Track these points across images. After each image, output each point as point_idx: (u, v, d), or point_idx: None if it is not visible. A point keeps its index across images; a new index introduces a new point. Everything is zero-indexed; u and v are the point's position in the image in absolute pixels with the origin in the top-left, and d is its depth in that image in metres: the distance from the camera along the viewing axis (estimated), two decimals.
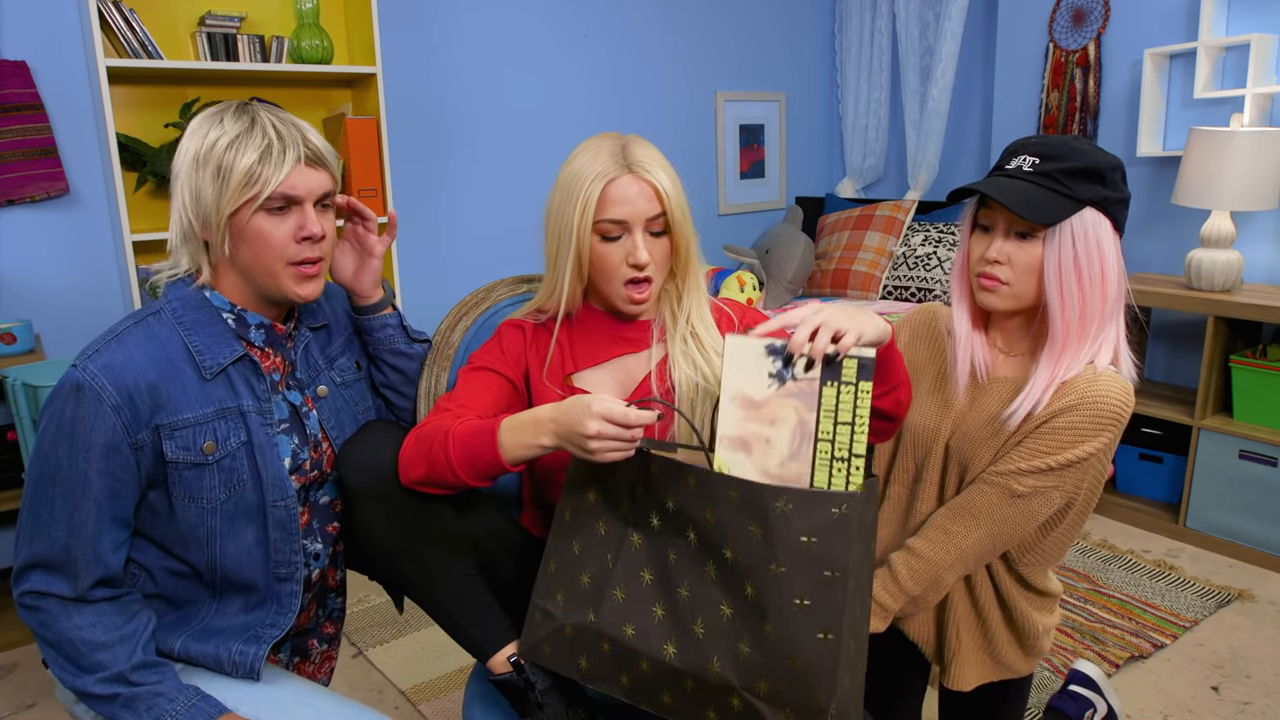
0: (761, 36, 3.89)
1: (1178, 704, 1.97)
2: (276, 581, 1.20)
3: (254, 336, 1.18)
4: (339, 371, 1.31)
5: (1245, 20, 2.79)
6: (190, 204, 1.11)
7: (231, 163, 1.08)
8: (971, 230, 1.25)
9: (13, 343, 2.24)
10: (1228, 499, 2.64)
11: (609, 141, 1.21)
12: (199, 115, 1.14)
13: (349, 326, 1.35)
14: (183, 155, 1.12)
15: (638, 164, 1.18)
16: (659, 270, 1.21)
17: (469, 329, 1.51)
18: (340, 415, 1.27)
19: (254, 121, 1.10)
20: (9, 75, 2.34)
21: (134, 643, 1.10)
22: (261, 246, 1.11)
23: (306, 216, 1.13)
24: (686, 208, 1.22)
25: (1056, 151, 1.17)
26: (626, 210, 1.17)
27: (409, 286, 3.01)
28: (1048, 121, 3.29)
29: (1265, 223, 2.82)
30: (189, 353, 1.12)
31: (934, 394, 1.34)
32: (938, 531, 1.25)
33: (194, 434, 1.11)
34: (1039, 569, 1.32)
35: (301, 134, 1.13)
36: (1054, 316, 1.19)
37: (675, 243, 1.22)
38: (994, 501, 1.21)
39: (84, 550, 1.08)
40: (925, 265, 3.36)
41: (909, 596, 1.26)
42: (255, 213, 1.09)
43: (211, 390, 1.13)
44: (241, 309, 1.17)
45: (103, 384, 1.06)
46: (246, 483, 1.15)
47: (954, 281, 1.30)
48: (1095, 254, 1.17)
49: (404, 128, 3.00)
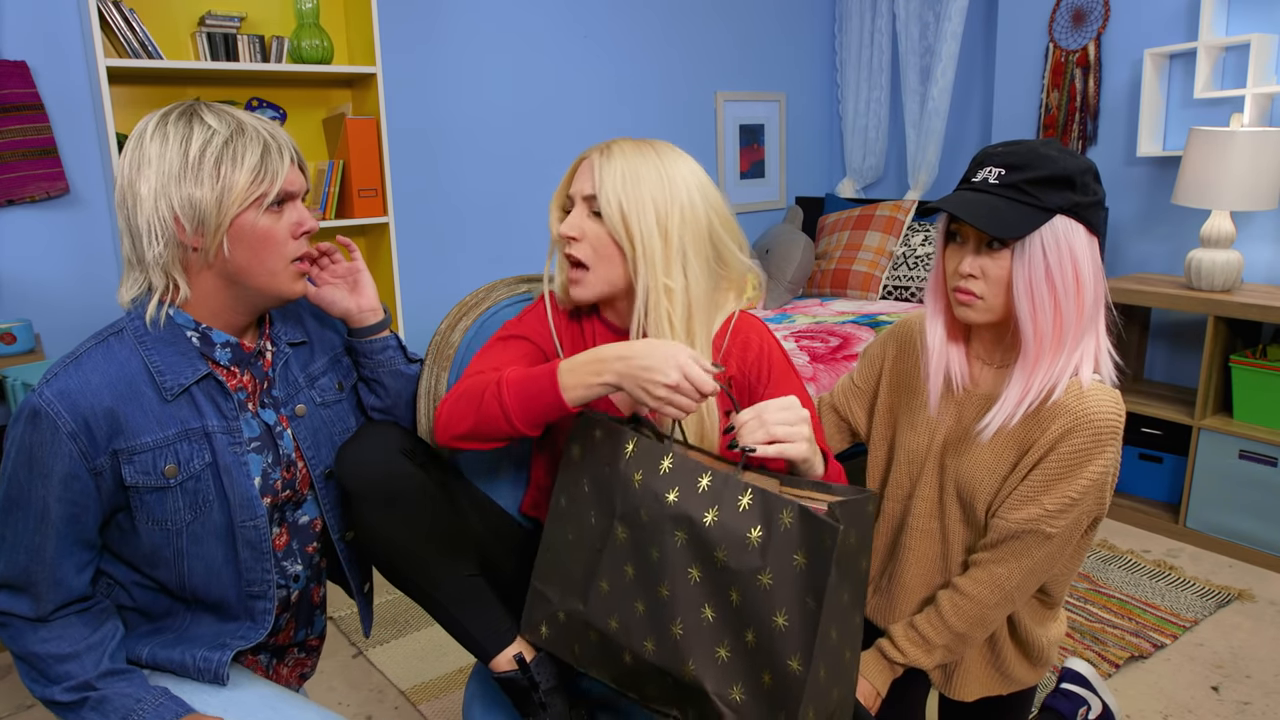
0: (761, 36, 3.89)
1: (1178, 704, 1.97)
2: (249, 599, 1.18)
3: (219, 355, 1.14)
4: (320, 391, 1.28)
5: (1245, 20, 2.79)
6: (182, 211, 1.05)
7: (234, 165, 1.05)
8: (945, 243, 1.24)
9: (13, 343, 2.24)
10: (1228, 499, 2.64)
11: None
12: (149, 125, 1.08)
13: (335, 347, 1.33)
14: (146, 165, 1.05)
15: (604, 149, 1.19)
16: (592, 254, 1.19)
17: (469, 329, 1.51)
18: (318, 435, 1.25)
19: (239, 121, 1.08)
20: (9, 75, 2.34)
21: (100, 651, 1.10)
22: (266, 245, 1.09)
23: (301, 212, 1.12)
24: (660, 215, 1.16)
25: (1023, 161, 1.15)
26: (575, 186, 1.20)
27: (409, 286, 3.01)
28: (1048, 121, 3.29)
29: (1265, 223, 2.82)
30: (149, 373, 1.09)
31: (924, 409, 1.33)
32: (982, 571, 1.24)
33: (154, 458, 1.08)
34: (1057, 584, 1.32)
35: (282, 133, 1.12)
36: (1025, 329, 1.17)
37: (618, 240, 1.18)
38: (1031, 545, 1.21)
39: (44, 575, 1.07)
40: (925, 265, 3.36)
41: (954, 634, 1.25)
42: (262, 212, 1.08)
43: (174, 411, 1.10)
44: (207, 327, 1.13)
45: (59, 410, 1.03)
46: (213, 504, 1.13)
47: (929, 294, 1.28)
48: (1068, 262, 1.14)
49: (404, 128, 3.00)
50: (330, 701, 2.03)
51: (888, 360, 1.39)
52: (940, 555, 1.32)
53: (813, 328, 2.92)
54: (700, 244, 1.18)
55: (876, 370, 1.40)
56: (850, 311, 3.20)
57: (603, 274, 1.19)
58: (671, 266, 1.16)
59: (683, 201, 1.16)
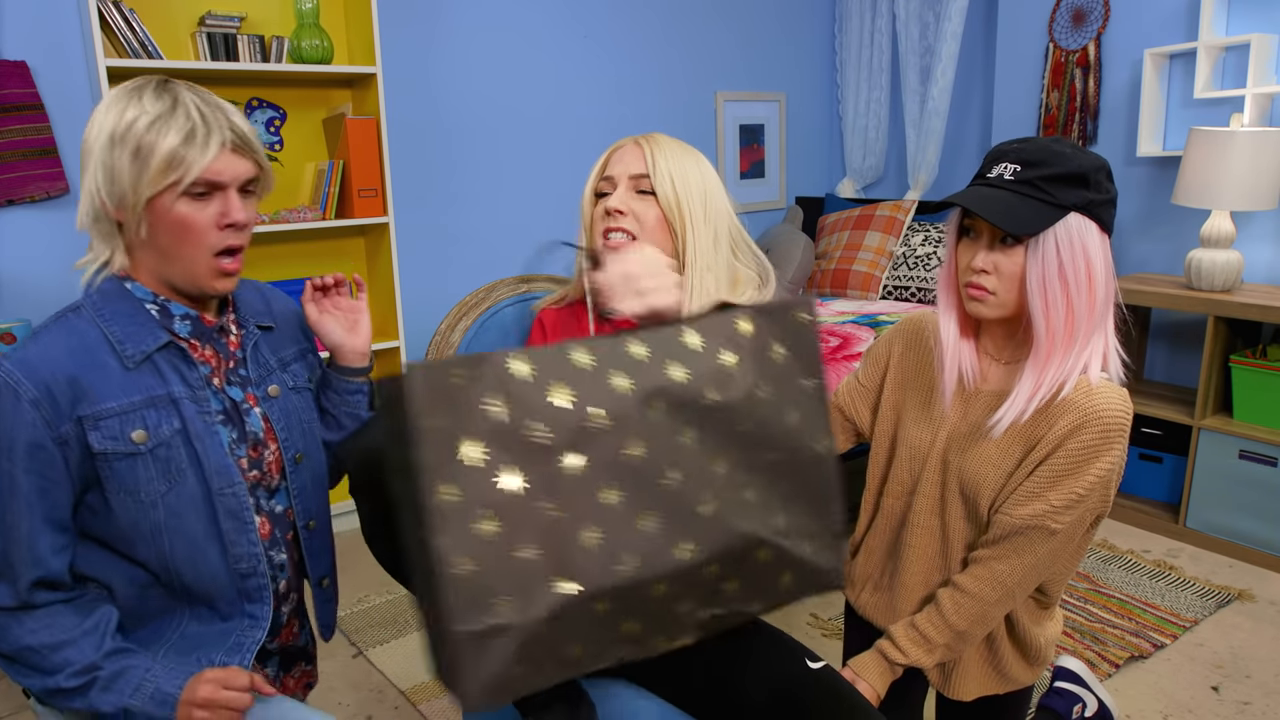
0: (761, 36, 3.89)
1: (1178, 704, 1.97)
2: (241, 579, 1.15)
3: (179, 328, 1.13)
4: (292, 375, 1.27)
5: (1245, 20, 2.79)
6: (104, 183, 1.05)
7: (152, 144, 1.03)
8: (958, 238, 1.25)
9: (13, 343, 2.24)
10: (1228, 499, 2.64)
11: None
12: (115, 90, 1.08)
13: (302, 340, 1.32)
14: (96, 129, 1.06)
15: (646, 138, 1.33)
16: (639, 228, 1.30)
17: (469, 329, 1.51)
18: (290, 419, 1.22)
19: (176, 102, 1.06)
20: (9, 75, 2.34)
21: (99, 635, 1.07)
22: (182, 233, 1.07)
23: (230, 203, 1.08)
24: (702, 199, 1.31)
25: (1038, 158, 1.16)
26: (616, 167, 1.32)
27: (409, 286, 3.01)
28: (1048, 121, 3.29)
29: (1265, 223, 2.82)
30: (110, 343, 1.07)
31: (928, 405, 1.33)
32: (983, 568, 1.24)
33: (120, 423, 1.06)
34: (1054, 584, 1.32)
35: (227, 117, 1.08)
36: (1038, 325, 1.17)
37: (670, 216, 1.30)
38: (1035, 541, 1.21)
39: (19, 554, 1.04)
40: (925, 265, 3.36)
41: (955, 632, 1.25)
42: (178, 198, 1.06)
43: (137, 379, 1.08)
44: (165, 299, 1.12)
45: (18, 379, 1.02)
46: (186, 472, 1.10)
47: (941, 289, 1.29)
48: (1081, 260, 1.15)
49: (404, 128, 3.00)
50: (330, 702, 2.03)
51: (893, 357, 1.39)
52: (940, 553, 1.32)
53: None
54: (724, 234, 1.32)
55: (882, 368, 1.41)
56: (850, 311, 3.20)
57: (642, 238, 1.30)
58: (715, 248, 1.30)
59: (715, 192, 1.32)
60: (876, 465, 1.41)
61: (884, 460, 1.39)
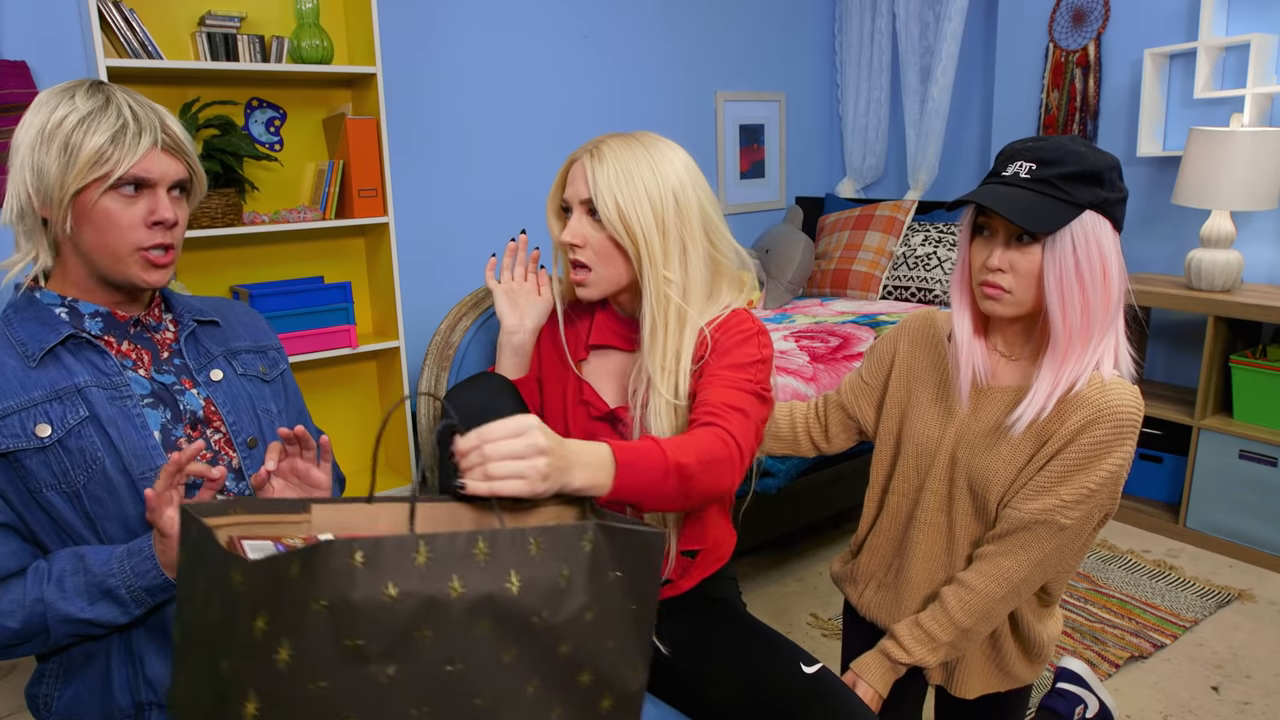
0: (761, 36, 3.89)
1: (1178, 704, 1.97)
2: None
3: (89, 325, 1.14)
4: (242, 364, 1.27)
5: (1245, 20, 2.79)
6: (31, 179, 1.07)
7: (80, 141, 1.05)
8: (971, 236, 1.25)
9: None
10: (1228, 499, 2.64)
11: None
12: (48, 90, 1.11)
13: (260, 340, 1.33)
14: (26, 128, 1.08)
15: (593, 150, 1.22)
16: (595, 257, 1.23)
17: (469, 329, 1.51)
18: (239, 403, 1.23)
19: (108, 101, 1.08)
20: (9, 75, 2.34)
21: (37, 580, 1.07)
22: (108, 229, 1.08)
23: (159, 201, 1.10)
24: (658, 206, 1.20)
25: (1053, 156, 1.17)
26: (569, 191, 1.24)
27: (409, 286, 3.01)
28: (1048, 121, 3.29)
29: (1265, 223, 2.82)
30: (11, 345, 1.10)
31: (936, 402, 1.33)
32: (989, 564, 1.24)
33: (21, 420, 1.06)
34: (1056, 582, 1.32)
35: (160, 118, 1.10)
36: (1055, 323, 1.18)
37: (619, 241, 1.21)
38: (1043, 536, 1.21)
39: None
40: (925, 265, 3.36)
41: (959, 629, 1.25)
42: (103, 194, 1.07)
43: (39, 376, 1.09)
44: (73, 299, 1.14)
45: None
46: (103, 458, 1.10)
47: (954, 287, 1.29)
48: (1096, 257, 1.17)
49: (404, 128, 3.00)
50: None
51: (898, 355, 1.39)
52: (945, 550, 1.32)
53: (813, 328, 2.92)
54: (696, 231, 1.22)
55: (886, 366, 1.41)
56: (850, 311, 3.20)
57: (606, 274, 1.23)
58: (670, 260, 1.20)
59: (675, 188, 1.20)
60: (881, 463, 1.41)
61: (889, 458, 1.39)
